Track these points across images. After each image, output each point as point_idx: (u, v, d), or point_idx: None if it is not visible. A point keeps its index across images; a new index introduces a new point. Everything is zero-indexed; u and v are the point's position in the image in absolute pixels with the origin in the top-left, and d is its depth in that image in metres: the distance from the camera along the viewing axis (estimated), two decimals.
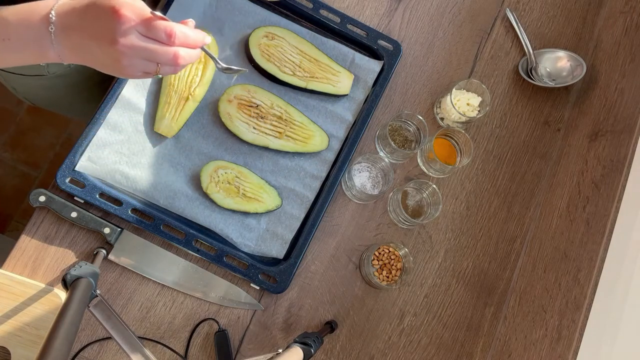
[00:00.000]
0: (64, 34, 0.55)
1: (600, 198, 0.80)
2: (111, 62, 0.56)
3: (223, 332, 0.78)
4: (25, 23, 0.55)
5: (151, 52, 0.55)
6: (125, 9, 0.53)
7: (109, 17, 0.53)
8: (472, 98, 0.91)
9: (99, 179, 0.79)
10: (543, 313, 0.80)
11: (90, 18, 0.54)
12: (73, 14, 0.55)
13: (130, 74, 0.57)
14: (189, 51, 0.58)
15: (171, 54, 0.56)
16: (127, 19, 0.53)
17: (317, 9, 0.90)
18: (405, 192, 0.89)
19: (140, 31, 0.54)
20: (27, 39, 0.55)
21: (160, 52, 0.55)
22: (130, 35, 0.54)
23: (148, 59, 0.56)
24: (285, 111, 0.85)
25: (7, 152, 1.66)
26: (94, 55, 0.56)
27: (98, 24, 0.54)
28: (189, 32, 0.57)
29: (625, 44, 0.91)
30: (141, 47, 0.54)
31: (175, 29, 0.55)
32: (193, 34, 0.58)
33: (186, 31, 0.57)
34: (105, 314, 0.67)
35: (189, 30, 0.57)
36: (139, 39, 0.54)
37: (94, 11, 0.54)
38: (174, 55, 0.56)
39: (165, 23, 0.55)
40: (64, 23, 0.55)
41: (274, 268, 0.80)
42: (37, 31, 0.55)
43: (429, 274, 0.88)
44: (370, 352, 0.84)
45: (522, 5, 1.01)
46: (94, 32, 0.54)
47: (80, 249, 0.79)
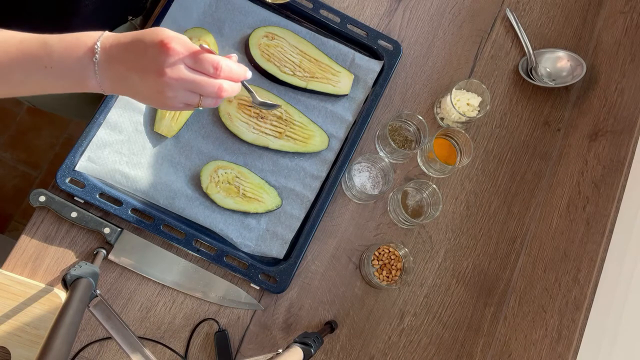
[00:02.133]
0: (108, 65, 0.57)
1: (600, 198, 0.80)
2: (154, 93, 0.57)
3: (223, 332, 0.78)
4: (70, 52, 0.56)
5: (197, 84, 0.57)
6: (175, 42, 0.55)
7: (157, 50, 0.55)
8: (472, 98, 0.91)
9: (99, 179, 0.79)
10: (543, 313, 0.80)
11: (137, 50, 0.56)
12: (119, 47, 0.56)
13: (172, 106, 0.59)
14: (231, 84, 0.59)
15: (216, 86, 0.58)
16: (176, 52, 0.55)
17: (317, 9, 0.90)
18: (405, 192, 0.89)
19: (188, 64, 0.56)
20: (70, 67, 0.57)
21: (206, 84, 0.57)
22: (178, 67, 0.55)
23: (192, 91, 0.58)
24: (285, 111, 0.85)
25: (7, 152, 1.66)
26: (136, 87, 0.58)
27: (145, 56, 0.55)
28: (234, 66, 0.59)
29: (625, 44, 0.91)
30: (188, 79, 0.56)
31: (222, 62, 0.57)
32: (237, 68, 0.60)
33: (231, 65, 0.59)
34: (105, 314, 0.67)
35: (234, 64, 0.59)
36: (186, 70, 0.56)
37: (142, 44, 0.55)
38: (218, 87, 0.58)
39: (212, 56, 0.57)
40: (109, 55, 0.56)
41: (274, 268, 0.80)
42: (81, 61, 0.56)
43: (429, 274, 0.88)
44: (370, 352, 0.84)
45: (522, 5, 1.01)
46: (140, 64, 0.56)
47: (80, 249, 0.79)
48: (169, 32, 0.56)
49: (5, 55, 0.56)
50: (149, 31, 0.56)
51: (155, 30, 0.56)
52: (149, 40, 0.55)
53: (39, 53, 0.56)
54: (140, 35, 0.56)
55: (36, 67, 0.56)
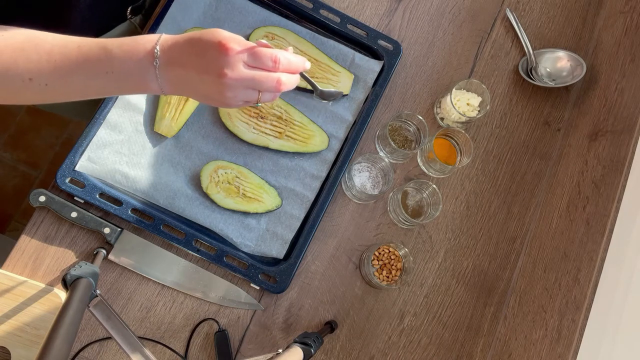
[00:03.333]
0: (169, 67, 0.57)
1: (600, 198, 0.80)
2: (214, 93, 0.58)
3: (223, 332, 0.78)
4: (130, 56, 0.57)
5: (256, 81, 0.57)
6: (232, 42, 0.55)
7: (216, 50, 0.55)
8: (472, 98, 0.91)
9: (99, 179, 0.79)
10: (543, 313, 0.80)
11: (196, 52, 0.56)
12: (177, 49, 0.57)
13: (232, 104, 0.59)
14: (289, 77, 0.60)
15: (274, 80, 0.58)
16: (235, 51, 0.55)
17: (317, 9, 0.90)
18: (405, 192, 0.89)
19: (247, 61, 0.56)
20: (131, 72, 0.57)
21: (265, 79, 0.58)
22: (237, 66, 0.56)
23: (252, 88, 0.58)
24: (285, 111, 0.85)
25: (7, 152, 1.66)
26: (196, 87, 0.58)
27: (204, 58, 0.56)
28: (292, 58, 0.59)
29: (625, 44, 0.91)
30: (247, 77, 0.57)
31: (280, 55, 0.57)
32: (295, 59, 0.59)
33: (289, 57, 0.59)
34: (105, 314, 0.67)
35: (291, 55, 0.59)
36: (245, 69, 0.57)
37: (200, 46, 0.56)
38: (277, 81, 0.58)
39: (270, 50, 0.57)
40: (169, 58, 0.57)
41: (274, 268, 0.80)
42: (141, 65, 0.57)
43: (429, 274, 0.88)
44: (370, 352, 0.84)
45: (522, 5, 1.01)
46: (200, 66, 0.56)
47: (80, 249, 0.79)
48: (225, 33, 0.56)
49: (67, 60, 0.56)
50: (206, 32, 0.57)
51: (212, 31, 0.56)
52: (207, 41, 0.56)
53: (99, 58, 0.56)
54: (198, 37, 0.57)
55: (97, 72, 0.57)
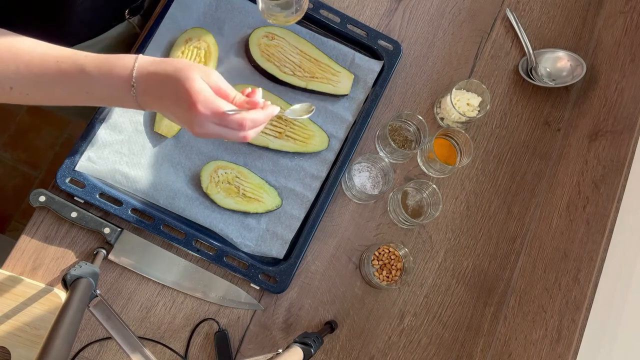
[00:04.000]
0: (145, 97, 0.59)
1: (600, 198, 0.80)
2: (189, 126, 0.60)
3: (223, 332, 0.78)
4: (108, 81, 0.58)
5: (223, 136, 0.60)
6: (201, 104, 0.56)
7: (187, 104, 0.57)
8: (472, 98, 0.91)
9: (99, 179, 0.79)
10: (543, 313, 0.80)
11: (169, 94, 0.58)
12: (153, 84, 0.58)
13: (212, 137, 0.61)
14: (256, 130, 0.61)
15: (241, 137, 0.60)
16: (203, 115, 0.57)
17: (317, 9, 0.90)
18: (405, 192, 0.89)
19: (215, 122, 0.58)
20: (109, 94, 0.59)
21: (232, 136, 0.60)
22: (206, 126, 0.58)
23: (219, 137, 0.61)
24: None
25: (7, 152, 1.66)
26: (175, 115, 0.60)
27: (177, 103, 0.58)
28: (259, 117, 0.60)
29: (625, 44, 0.91)
30: (216, 134, 0.59)
31: (247, 121, 0.58)
32: (262, 117, 0.60)
33: (256, 118, 0.59)
34: (105, 314, 0.67)
35: (259, 114, 0.60)
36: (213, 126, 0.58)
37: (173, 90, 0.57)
38: (243, 137, 0.60)
39: (238, 116, 0.58)
40: (145, 90, 0.58)
41: (274, 268, 0.80)
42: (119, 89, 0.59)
43: (429, 274, 0.88)
44: (370, 352, 0.84)
45: (522, 5, 1.01)
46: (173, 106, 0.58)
47: (80, 249, 0.79)
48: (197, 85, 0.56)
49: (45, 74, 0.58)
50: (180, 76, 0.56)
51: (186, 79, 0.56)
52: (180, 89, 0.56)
53: (77, 78, 0.58)
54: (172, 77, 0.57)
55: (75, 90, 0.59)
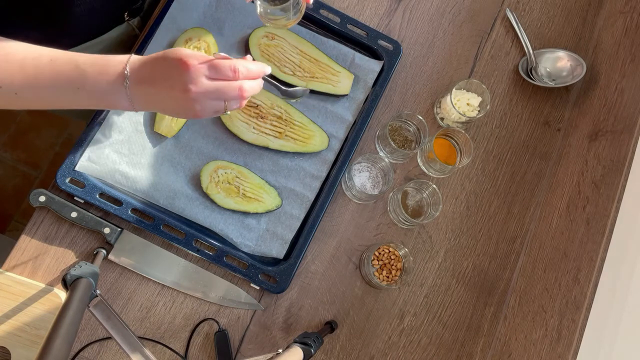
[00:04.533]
0: (138, 87, 0.60)
1: (600, 198, 0.80)
2: (183, 108, 0.61)
3: (223, 332, 0.78)
4: (101, 77, 0.59)
5: (219, 91, 0.60)
6: (192, 58, 0.58)
7: (178, 68, 0.58)
8: (472, 98, 0.91)
9: (99, 179, 0.79)
10: (543, 313, 0.80)
11: (161, 70, 0.59)
12: (145, 69, 0.60)
13: (202, 116, 0.62)
14: (251, 83, 0.62)
15: (237, 88, 0.61)
16: (195, 67, 0.58)
17: (317, 9, 0.90)
18: (405, 192, 0.89)
19: (208, 74, 0.59)
20: (102, 90, 0.60)
21: (228, 88, 0.60)
22: (199, 80, 0.59)
23: (217, 99, 0.61)
24: (285, 111, 0.85)
25: (7, 152, 1.66)
26: (166, 103, 0.61)
27: (169, 76, 0.59)
28: (250, 65, 0.62)
29: (625, 44, 0.91)
30: (211, 89, 0.59)
31: (238, 65, 0.60)
32: (254, 67, 0.62)
33: (247, 65, 0.62)
34: (105, 314, 0.67)
35: (250, 63, 0.62)
36: (207, 81, 0.59)
37: (164, 64, 0.59)
38: (239, 88, 0.61)
39: (229, 61, 0.60)
40: (137, 77, 0.59)
41: (274, 268, 0.80)
42: (113, 85, 0.59)
43: (429, 274, 0.88)
44: (370, 352, 0.84)
45: (522, 5, 1.01)
46: (167, 83, 0.59)
47: (80, 249, 0.79)
48: (186, 50, 0.59)
49: (39, 73, 0.58)
50: (170, 51, 0.60)
51: (174, 50, 0.59)
52: (170, 60, 0.59)
53: (71, 75, 0.58)
54: (162, 56, 0.59)
55: (68, 88, 0.59)
